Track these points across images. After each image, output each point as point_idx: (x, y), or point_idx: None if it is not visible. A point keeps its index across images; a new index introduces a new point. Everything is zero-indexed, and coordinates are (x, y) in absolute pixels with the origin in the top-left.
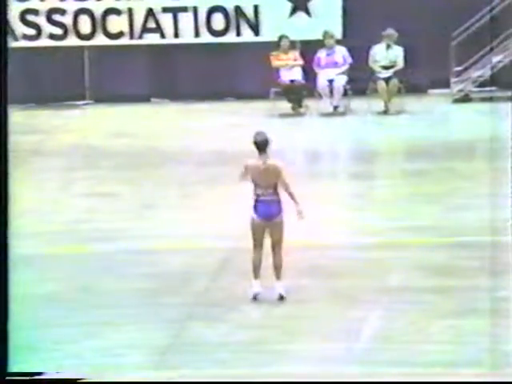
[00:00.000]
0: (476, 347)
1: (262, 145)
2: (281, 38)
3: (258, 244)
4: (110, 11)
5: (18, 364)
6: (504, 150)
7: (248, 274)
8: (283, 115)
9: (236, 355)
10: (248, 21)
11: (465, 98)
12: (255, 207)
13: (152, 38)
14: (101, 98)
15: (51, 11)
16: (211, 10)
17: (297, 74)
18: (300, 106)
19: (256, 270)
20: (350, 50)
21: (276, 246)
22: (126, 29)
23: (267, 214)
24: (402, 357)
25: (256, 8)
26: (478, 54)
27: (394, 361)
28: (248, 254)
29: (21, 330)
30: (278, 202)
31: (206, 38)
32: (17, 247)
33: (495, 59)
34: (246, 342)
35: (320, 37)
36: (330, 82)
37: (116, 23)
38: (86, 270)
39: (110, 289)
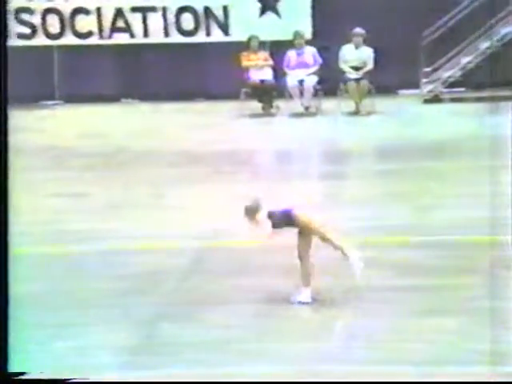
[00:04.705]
0: (449, 346)
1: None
2: (250, 38)
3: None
4: (78, 11)
5: None
6: (474, 149)
7: (220, 274)
8: (253, 115)
9: (208, 355)
10: (217, 21)
11: (435, 99)
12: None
13: (121, 38)
14: (70, 98)
15: (19, 10)
16: (180, 10)
17: (267, 74)
18: (271, 107)
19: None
20: (319, 51)
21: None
22: (94, 28)
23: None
24: (377, 356)
25: (225, 8)
26: (448, 55)
27: (368, 360)
28: (219, 253)
29: None
30: None
31: (175, 37)
32: None
33: (465, 60)
34: (219, 342)
35: (290, 37)
36: (300, 82)
37: (85, 23)
38: (57, 271)
39: (80, 289)
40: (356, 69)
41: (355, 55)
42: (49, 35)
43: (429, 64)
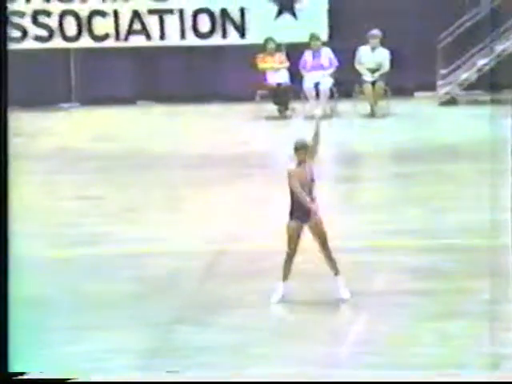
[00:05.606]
0: (461, 350)
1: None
2: (267, 40)
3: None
4: (95, 13)
5: None
6: (489, 152)
7: (235, 277)
8: (269, 118)
9: (223, 358)
10: (234, 23)
11: (451, 101)
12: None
13: (138, 40)
14: (87, 101)
15: (36, 13)
16: (197, 13)
17: (283, 77)
18: (286, 109)
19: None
20: (336, 52)
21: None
22: (111, 31)
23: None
24: (388, 360)
25: (242, 10)
26: (464, 57)
27: (379, 364)
28: (235, 256)
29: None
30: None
31: (191, 40)
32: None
33: (481, 62)
34: (233, 345)
35: (306, 39)
36: (316, 84)
37: (102, 25)
38: (73, 274)
39: (96, 292)
40: (372, 71)
41: (371, 57)
42: (66, 38)
43: (445, 66)
